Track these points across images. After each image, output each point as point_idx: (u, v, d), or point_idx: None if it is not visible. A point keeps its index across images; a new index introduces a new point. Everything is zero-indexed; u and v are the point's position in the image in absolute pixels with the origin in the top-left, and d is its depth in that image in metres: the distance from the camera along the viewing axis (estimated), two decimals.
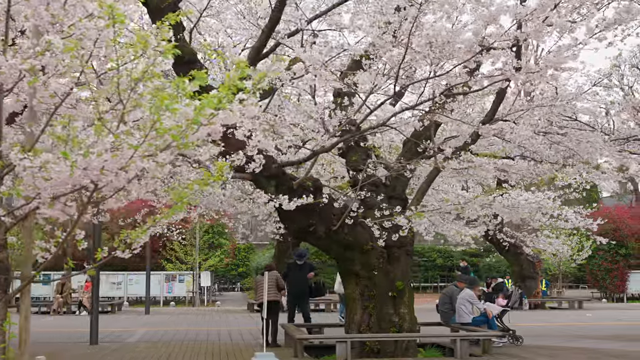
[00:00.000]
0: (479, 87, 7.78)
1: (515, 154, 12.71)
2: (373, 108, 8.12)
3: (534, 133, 11.40)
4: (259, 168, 7.49)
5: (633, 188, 40.60)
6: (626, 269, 28.91)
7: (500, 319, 11.60)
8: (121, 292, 27.31)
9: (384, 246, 10.44)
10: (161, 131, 3.41)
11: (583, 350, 10.47)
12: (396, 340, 10.21)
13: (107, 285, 27.53)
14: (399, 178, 11.07)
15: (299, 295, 12.29)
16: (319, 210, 9.60)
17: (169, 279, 27.25)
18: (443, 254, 35.97)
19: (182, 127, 3.56)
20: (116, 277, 27.30)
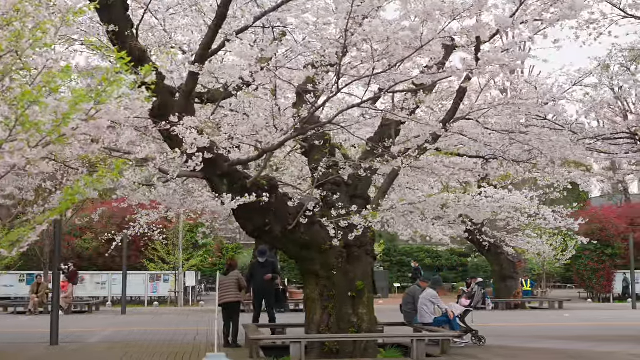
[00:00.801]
0: (425, 85, 7.67)
1: (484, 153, 12.63)
2: (318, 106, 8.01)
3: (499, 132, 11.33)
4: (200, 166, 7.37)
5: (623, 188, 40.58)
6: (612, 269, 28.83)
7: (462, 319, 11.51)
8: (105, 292, 27.20)
9: (343, 246, 10.37)
10: (27, 126, 3.31)
11: (544, 351, 10.40)
12: (355, 340, 10.13)
13: (91, 285, 27.45)
14: (361, 177, 10.99)
15: (264, 295, 12.19)
16: (275, 209, 9.51)
17: (153, 278, 27.17)
18: (431, 254, 35.91)
19: (58, 122, 3.47)
20: (100, 277, 27.20)
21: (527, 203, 18.26)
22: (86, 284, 27.22)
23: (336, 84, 7.32)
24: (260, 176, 9.46)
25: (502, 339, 11.89)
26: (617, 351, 10.37)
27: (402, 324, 11.89)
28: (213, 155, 8.51)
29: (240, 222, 9.93)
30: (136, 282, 27.02)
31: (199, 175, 9.25)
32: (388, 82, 7.59)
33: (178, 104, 8.45)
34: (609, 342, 11.76)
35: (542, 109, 11.02)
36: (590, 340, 11.94)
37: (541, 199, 22.96)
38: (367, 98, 7.80)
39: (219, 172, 8.90)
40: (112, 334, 13.53)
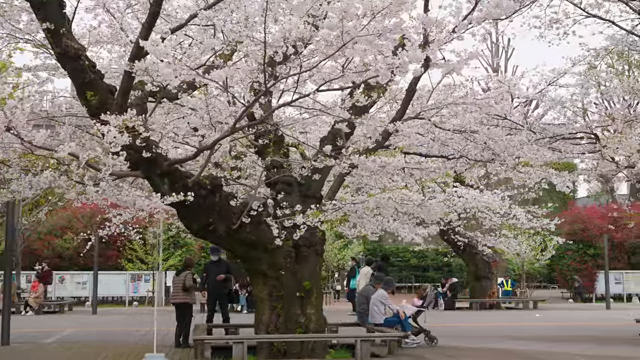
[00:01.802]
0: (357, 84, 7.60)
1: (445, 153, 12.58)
2: (249, 105, 7.91)
3: (452, 132, 11.28)
4: (118, 166, 7.29)
5: (609, 188, 40.46)
6: (595, 269, 28.80)
7: (415, 320, 11.48)
8: (86, 291, 27.13)
9: (292, 245, 10.32)
10: None
11: (493, 351, 10.38)
12: (303, 340, 10.09)
13: (72, 285, 27.41)
14: (314, 177, 10.94)
15: (218, 295, 12.14)
16: (219, 208, 9.47)
17: (134, 278, 27.12)
18: (417, 254, 35.89)
19: None
20: (81, 276, 27.13)
21: (498, 203, 18.29)
22: (66, 284, 27.19)
23: (264, 84, 7.27)
24: (201, 175, 9.44)
25: (459, 339, 11.86)
26: (569, 351, 10.33)
27: (357, 324, 11.85)
28: (152, 154, 8.47)
29: (184, 222, 9.89)
30: (117, 282, 27.01)
31: (140, 174, 9.22)
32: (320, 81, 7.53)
33: (115, 103, 8.41)
34: (567, 342, 11.73)
35: (494, 107, 10.96)
36: (549, 341, 11.90)
37: (516, 199, 23.07)
38: (297, 97, 7.74)
39: (159, 171, 8.85)
40: (71, 334, 13.49)
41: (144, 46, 6.66)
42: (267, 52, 6.79)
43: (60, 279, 27.06)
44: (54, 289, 26.54)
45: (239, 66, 7.19)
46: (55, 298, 25.18)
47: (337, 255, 26.33)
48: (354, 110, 11.27)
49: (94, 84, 8.50)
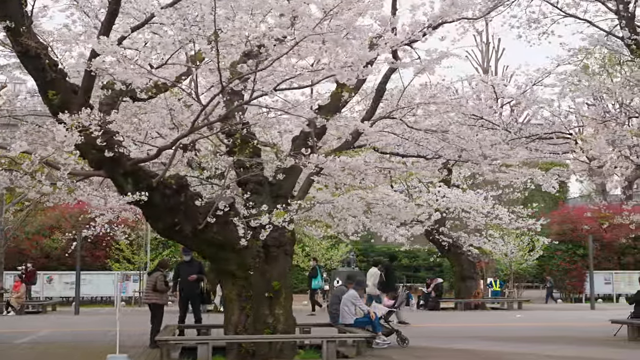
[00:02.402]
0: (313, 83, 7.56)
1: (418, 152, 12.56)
2: (205, 104, 7.87)
3: (424, 132, 11.26)
4: (71, 166, 7.25)
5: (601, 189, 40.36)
6: (584, 269, 28.75)
7: (386, 320, 11.44)
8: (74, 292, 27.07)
9: (262, 246, 10.29)
10: None
11: (462, 352, 10.35)
12: (270, 341, 10.05)
13: (60, 285, 27.36)
14: (286, 176, 10.90)
15: (190, 295, 12.09)
16: (184, 208, 9.43)
17: (123, 278, 27.06)
18: (409, 255, 35.82)
19: None
20: (70, 276, 27.04)
21: (481, 203, 18.24)
22: (55, 284, 27.15)
23: (221, 84, 7.24)
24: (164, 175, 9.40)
25: (431, 340, 11.83)
26: (535, 352, 10.30)
27: (329, 324, 11.80)
28: (114, 154, 8.44)
29: (149, 222, 9.86)
30: (106, 282, 26.95)
31: (105, 174, 9.18)
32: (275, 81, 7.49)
33: (77, 102, 8.37)
34: (538, 342, 11.68)
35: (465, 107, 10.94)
36: (521, 341, 11.86)
37: (502, 199, 23.02)
38: (254, 96, 7.70)
39: (122, 170, 8.82)
40: (47, 334, 13.45)
41: (99, 44, 6.61)
42: (219, 52, 6.75)
43: (49, 279, 27.02)
44: (42, 289, 26.50)
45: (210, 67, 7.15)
46: (43, 298, 25.13)
47: (325, 255, 26.25)
48: (324, 110, 11.30)
49: (55, 83, 8.48)
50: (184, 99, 9.08)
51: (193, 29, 6.78)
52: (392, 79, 11.24)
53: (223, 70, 7.47)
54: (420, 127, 10.97)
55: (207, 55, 6.88)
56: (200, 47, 6.75)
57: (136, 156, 8.73)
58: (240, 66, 7.21)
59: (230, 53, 7.10)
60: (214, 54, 6.83)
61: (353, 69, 6.57)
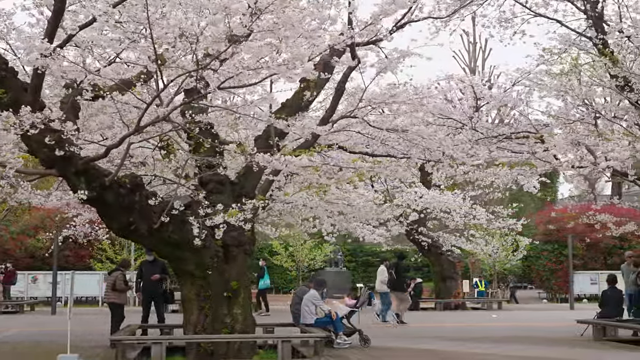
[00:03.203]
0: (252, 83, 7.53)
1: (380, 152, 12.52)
2: (149, 103, 7.83)
3: (386, 130, 11.21)
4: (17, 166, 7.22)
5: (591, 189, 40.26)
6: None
7: (348, 320, 11.41)
8: (60, 291, 27.01)
9: (221, 245, 10.26)
10: None
11: (421, 352, 10.34)
12: (228, 341, 10.02)
13: (45, 285, 27.32)
14: (248, 176, 10.87)
15: (153, 295, 12.06)
16: (139, 207, 9.39)
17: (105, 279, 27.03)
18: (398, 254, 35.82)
19: None
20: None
21: (458, 203, 18.21)
22: (39, 284, 27.12)
23: (161, 80, 7.21)
24: (124, 174, 9.38)
25: (395, 340, 11.80)
26: (495, 352, 10.27)
27: (292, 324, 11.78)
28: (65, 153, 8.41)
29: (104, 221, 9.82)
30: (90, 282, 26.92)
31: (56, 173, 9.15)
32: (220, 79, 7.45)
33: (26, 101, 8.34)
34: (503, 342, 11.65)
35: (425, 107, 10.90)
36: (486, 341, 11.82)
37: (483, 198, 22.98)
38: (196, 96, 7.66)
39: (74, 169, 8.78)
40: (14, 334, 13.42)
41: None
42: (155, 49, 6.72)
43: (33, 278, 27.02)
44: (26, 288, 26.51)
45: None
46: (28, 298, 25.13)
47: (308, 255, 26.23)
48: (287, 109, 11.27)
49: (5, 81, 8.44)
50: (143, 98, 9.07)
51: (132, 27, 6.73)
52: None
53: (171, 68, 7.48)
54: (381, 126, 10.92)
55: (144, 52, 6.83)
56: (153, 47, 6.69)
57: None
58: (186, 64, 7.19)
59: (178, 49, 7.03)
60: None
61: (289, 67, 6.53)
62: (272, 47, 6.67)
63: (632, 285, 13.26)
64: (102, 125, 8.73)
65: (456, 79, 17.19)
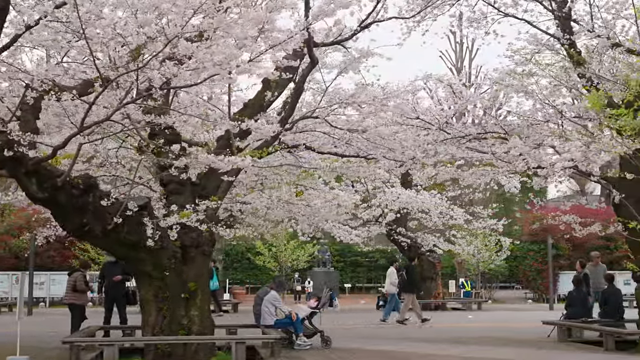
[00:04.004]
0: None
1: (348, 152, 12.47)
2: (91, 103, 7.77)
3: (347, 130, 11.17)
4: None
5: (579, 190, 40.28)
6: (556, 270, 28.70)
7: (310, 321, 11.37)
8: (44, 292, 27.03)
9: (180, 246, 10.22)
10: None
11: (377, 352, 10.32)
12: (186, 343, 9.98)
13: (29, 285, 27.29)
14: (210, 177, 10.82)
15: (115, 296, 12.01)
16: (93, 208, 9.34)
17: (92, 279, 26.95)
18: (385, 255, 35.83)
19: None
20: (39, 277, 26.94)
21: (434, 203, 18.17)
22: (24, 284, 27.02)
23: (102, 79, 7.16)
24: (78, 175, 9.32)
25: (358, 341, 11.76)
26: (452, 354, 10.24)
27: (255, 325, 11.73)
28: (15, 153, 8.37)
29: (58, 222, 9.78)
30: None
31: (5, 174, 9.11)
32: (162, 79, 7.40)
33: None
34: (466, 344, 11.60)
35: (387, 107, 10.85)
36: (449, 342, 11.78)
37: (463, 199, 22.93)
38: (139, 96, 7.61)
39: (24, 170, 8.73)
40: None
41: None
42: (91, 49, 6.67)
43: (17, 279, 26.93)
44: (10, 289, 26.45)
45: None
46: (12, 298, 25.06)
47: (292, 255, 26.19)
48: (248, 109, 11.23)
49: None
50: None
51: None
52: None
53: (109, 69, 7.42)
54: (345, 126, 10.89)
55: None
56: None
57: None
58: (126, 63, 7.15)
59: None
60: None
61: (223, 67, 6.48)
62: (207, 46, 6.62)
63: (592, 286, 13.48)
64: (47, 125, 8.65)
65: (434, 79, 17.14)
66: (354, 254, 34.91)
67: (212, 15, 6.37)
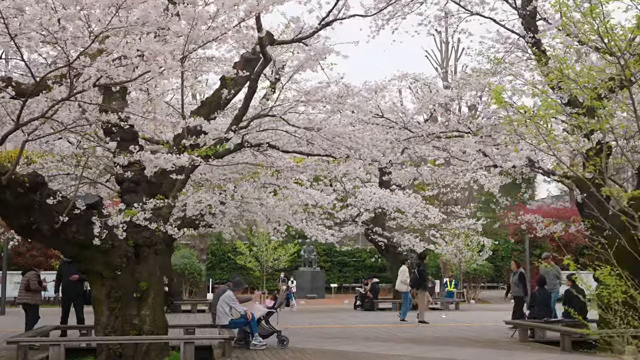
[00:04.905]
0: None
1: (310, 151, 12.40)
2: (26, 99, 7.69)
3: (303, 129, 11.09)
4: None
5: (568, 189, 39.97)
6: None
7: (267, 321, 11.27)
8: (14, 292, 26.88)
9: (133, 245, 10.13)
10: None
11: (334, 353, 10.21)
12: (137, 343, 9.88)
13: (11, 285, 27.16)
14: (166, 175, 10.73)
15: (72, 295, 11.92)
16: (40, 206, 9.24)
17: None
18: (372, 254, 35.79)
19: None
20: (18, 277, 26.80)
21: (408, 202, 18.08)
22: (7, 284, 26.92)
23: (33, 78, 7.06)
24: (25, 173, 9.23)
25: (315, 341, 11.67)
26: (407, 354, 10.13)
27: (213, 325, 11.64)
28: None
29: (5, 221, 9.67)
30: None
31: None
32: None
33: None
34: (426, 344, 11.53)
35: (343, 105, 10.77)
36: (410, 342, 11.72)
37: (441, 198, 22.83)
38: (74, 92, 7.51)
39: None
40: None
41: None
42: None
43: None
44: None
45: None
46: None
47: (273, 255, 26.08)
48: (206, 107, 11.15)
49: None
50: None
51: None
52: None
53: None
54: (298, 124, 10.80)
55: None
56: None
57: None
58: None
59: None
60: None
61: (148, 62, 6.38)
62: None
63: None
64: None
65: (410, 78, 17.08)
66: (341, 254, 34.84)
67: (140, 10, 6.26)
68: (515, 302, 14.91)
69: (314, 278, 29.75)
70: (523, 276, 14.05)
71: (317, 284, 30.10)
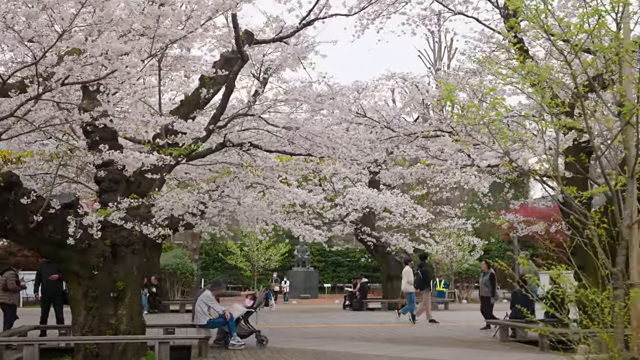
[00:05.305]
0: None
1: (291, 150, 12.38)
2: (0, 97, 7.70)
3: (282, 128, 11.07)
4: None
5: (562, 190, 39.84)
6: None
7: (245, 320, 11.26)
8: None
9: (110, 244, 10.10)
10: None
11: (313, 353, 10.19)
12: (113, 342, 9.86)
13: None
14: (145, 175, 10.70)
15: (51, 295, 11.90)
16: (14, 205, 9.21)
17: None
18: (365, 254, 35.81)
19: None
20: None
21: (394, 202, 18.06)
22: None
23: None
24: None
25: (295, 341, 11.68)
26: (387, 354, 10.12)
27: (193, 325, 11.62)
28: None
29: None
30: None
31: None
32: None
33: None
34: (407, 344, 11.53)
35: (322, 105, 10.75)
36: (390, 342, 11.72)
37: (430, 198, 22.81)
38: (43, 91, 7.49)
39: None
40: None
41: None
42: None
43: None
44: None
45: None
46: None
47: (264, 254, 26.07)
48: (185, 106, 11.13)
49: None
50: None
51: None
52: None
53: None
54: (278, 124, 10.78)
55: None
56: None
57: None
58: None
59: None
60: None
61: (112, 60, 6.37)
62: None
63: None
64: None
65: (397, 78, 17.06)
66: (335, 254, 34.86)
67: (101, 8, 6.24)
68: (482, 302, 15.02)
69: (307, 278, 29.74)
70: (494, 277, 14.11)
71: (311, 283, 30.10)
